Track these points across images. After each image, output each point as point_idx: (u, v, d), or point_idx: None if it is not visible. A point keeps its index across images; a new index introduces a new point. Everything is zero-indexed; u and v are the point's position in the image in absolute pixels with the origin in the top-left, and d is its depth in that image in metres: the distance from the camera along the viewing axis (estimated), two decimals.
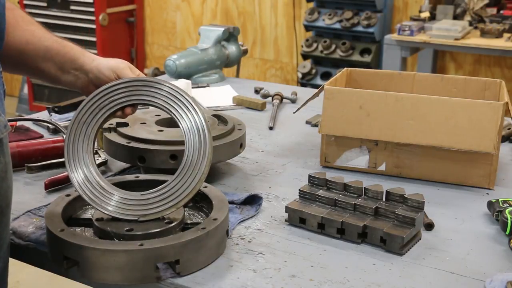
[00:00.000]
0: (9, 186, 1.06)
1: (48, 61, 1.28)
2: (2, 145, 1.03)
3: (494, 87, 1.67)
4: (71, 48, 1.31)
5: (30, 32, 1.27)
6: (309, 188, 1.33)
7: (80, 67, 1.30)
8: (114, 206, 1.16)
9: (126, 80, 1.27)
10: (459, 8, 3.85)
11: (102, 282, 1.07)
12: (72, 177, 1.19)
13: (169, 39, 5.26)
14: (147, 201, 1.17)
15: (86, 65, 1.30)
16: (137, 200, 1.17)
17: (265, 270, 1.12)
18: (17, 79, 5.69)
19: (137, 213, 1.15)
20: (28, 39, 1.26)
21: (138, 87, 1.26)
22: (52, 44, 1.29)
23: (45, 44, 1.28)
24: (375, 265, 1.14)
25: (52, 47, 1.28)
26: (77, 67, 1.30)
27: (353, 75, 1.81)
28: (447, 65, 4.30)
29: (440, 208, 1.38)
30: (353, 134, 1.54)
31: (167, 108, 1.23)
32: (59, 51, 1.29)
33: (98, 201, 1.17)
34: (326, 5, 4.26)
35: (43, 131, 1.80)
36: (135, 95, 1.25)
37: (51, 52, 1.28)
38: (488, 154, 1.46)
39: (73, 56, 1.30)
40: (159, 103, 1.24)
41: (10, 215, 1.10)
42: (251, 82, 2.59)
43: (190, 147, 1.19)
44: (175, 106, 1.23)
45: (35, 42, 1.27)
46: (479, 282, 1.09)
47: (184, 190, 1.16)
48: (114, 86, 1.26)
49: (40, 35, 1.28)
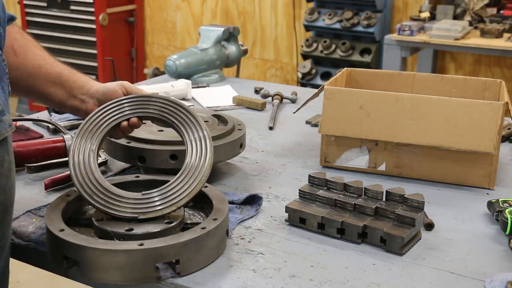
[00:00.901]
0: (13, 184, 1.07)
1: (57, 86, 1.34)
2: (7, 144, 1.04)
3: (494, 87, 1.67)
4: (80, 76, 1.37)
5: (41, 57, 1.32)
6: (309, 188, 1.33)
7: (87, 91, 1.35)
8: (115, 205, 1.16)
9: (134, 96, 1.33)
10: (459, 8, 3.85)
11: (102, 282, 1.07)
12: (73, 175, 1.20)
13: (169, 39, 5.26)
14: (147, 200, 1.17)
15: (94, 88, 1.35)
16: (138, 199, 1.17)
17: (265, 270, 1.12)
18: None
19: (138, 211, 1.16)
20: (41, 64, 1.32)
21: (143, 102, 1.32)
22: (63, 70, 1.35)
23: (56, 70, 1.33)
24: (375, 265, 1.14)
25: (63, 73, 1.34)
26: (85, 92, 1.35)
27: (353, 75, 1.81)
28: (447, 65, 4.30)
29: (440, 208, 1.38)
30: (353, 134, 1.54)
31: (171, 120, 1.28)
32: (69, 77, 1.35)
33: (100, 201, 1.17)
34: (326, 5, 4.26)
35: (43, 131, 1.80)
36: (140, 108, 1.31)
37: (61, 78, 1.34)
38: (488, 154, 1.46)
39: (82, 82, 1.36)
40: (165, 116, 1.29)
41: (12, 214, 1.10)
42: (251, 82, 2.59)
43: (191, 154, 1.23)
44: (178, 118, 1.28)
45: (48, 67, 1.32)
46: (479, 282, 1.09)
47: (185, 190, 1.17)
48: (121, 100, 1.32)
49: (52, 61, 1.34)
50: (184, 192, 1.17)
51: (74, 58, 4.90)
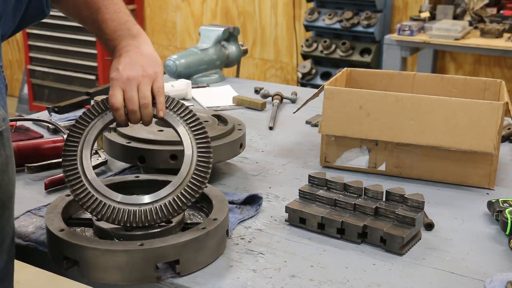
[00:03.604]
0: (11, 179, 1.06)
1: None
2: (3, 138, 1.03)
3: (494, 87, 1.67)
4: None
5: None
6: (309, 188, 1.33)
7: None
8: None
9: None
10: (459, 8, 3.85)
11: (102, 282, 1.07)
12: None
13: (169, 39, 5.26)
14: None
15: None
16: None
17: (265, 270, 1.12)
18: (17, 79, 5.70)
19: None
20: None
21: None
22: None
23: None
24: (375, 265, 1.14)
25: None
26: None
27: (353, 75, 1.81)
28: (447, 65, 4.30)
29: (440, 208, 1.38)
30: (353, 134, 1.54)
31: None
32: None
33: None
34: (326, 5, 4.26)
35: (43, 131, 1.80)
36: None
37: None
38: (488, 154, 1.46)
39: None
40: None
41: (13, 209, 1.10)
42: (251, 82, 2.59)
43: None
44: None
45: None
46: (479, 282, 1.09)
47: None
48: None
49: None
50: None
51: (74, 58, 4.90)
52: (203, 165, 1.18)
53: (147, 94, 1.20)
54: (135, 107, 1.19)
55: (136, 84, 1.19)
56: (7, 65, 5.76)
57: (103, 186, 1.15)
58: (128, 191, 1.31)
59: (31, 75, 5.18)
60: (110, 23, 1.24)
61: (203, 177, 1.17)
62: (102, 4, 1.25)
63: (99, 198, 1.13)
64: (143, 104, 1.19)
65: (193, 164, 1.18)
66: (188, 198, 1.15)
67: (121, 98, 1.18)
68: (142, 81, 1.20)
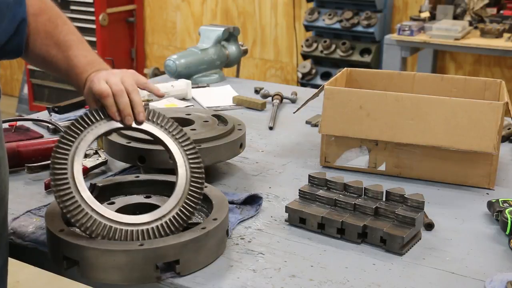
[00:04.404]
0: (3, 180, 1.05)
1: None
2: None
3: (494, 87, 1.67)
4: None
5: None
6: (309, 188, 1.33)
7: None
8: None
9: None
10: (459, 8, 3.85)
11: (101, 282, 1.07)
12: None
13: (169, 39, 5.26)
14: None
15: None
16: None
17: (265, 270, 1.12)
18: (17, 79, 5.70)
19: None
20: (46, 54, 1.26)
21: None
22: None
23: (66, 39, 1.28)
24: (375, 265, 1.14)
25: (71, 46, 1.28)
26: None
27: (353, 75, 1.81)
28: (447, 65, 4.30)
29: (440, 208, 1.38)
30: (353, 134, 1.54)
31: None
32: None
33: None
34: (326, 5, 4.26)
35: (43, 131, 1.80)
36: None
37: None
38: (488, 154, 1.46)
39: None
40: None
41: (7, 211, 1.09)
42: (251, 82, 2.59)
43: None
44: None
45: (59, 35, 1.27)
46: (479, 282, 1.09)
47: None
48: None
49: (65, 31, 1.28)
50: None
51: None
52: (195, 195, 1.18)
53: (131, 83, 1.20)
54: (121, 87, 1.17)
55: (119, 76, 1.20)
56: (7, 65, 5.76)
57: (97, 203, 1.11)
58: (128, 191, 1.32)
59: (31, 75, 5.18)
60: (82, 59, 1.24)
61: (195, 202, 1.17)
62: (74, 43, 1.26)
63: (94, 215, 1.09)
64: (131, 90, 1.19)
65: (186, 188, 1.17)
66: (184, 219, 1.14)
67: (107, 85, 1.17)
68: (125, 74, 1.22)
